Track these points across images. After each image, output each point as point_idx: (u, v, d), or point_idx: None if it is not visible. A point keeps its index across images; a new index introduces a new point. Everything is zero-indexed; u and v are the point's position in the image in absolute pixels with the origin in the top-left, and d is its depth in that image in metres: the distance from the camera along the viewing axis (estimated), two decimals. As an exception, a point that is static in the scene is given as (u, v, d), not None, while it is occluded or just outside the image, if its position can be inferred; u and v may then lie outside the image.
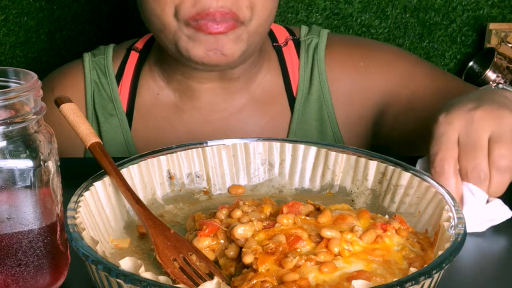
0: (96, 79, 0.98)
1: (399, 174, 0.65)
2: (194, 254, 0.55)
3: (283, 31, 1.02)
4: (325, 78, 0.98)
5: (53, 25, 1.40)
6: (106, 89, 0.98)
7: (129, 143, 0.98)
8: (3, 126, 0.50)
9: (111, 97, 0.98)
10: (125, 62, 0.99)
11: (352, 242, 0.54)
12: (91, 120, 0.98)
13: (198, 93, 0.96)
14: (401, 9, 1.48)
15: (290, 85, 0.99)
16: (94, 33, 1.43)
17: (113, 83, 0.98)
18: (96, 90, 0.98)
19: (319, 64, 0.98)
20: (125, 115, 0.98)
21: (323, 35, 1.00)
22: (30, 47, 1.41)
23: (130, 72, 0.99)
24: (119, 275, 0.47)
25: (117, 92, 0.98)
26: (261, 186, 0.72)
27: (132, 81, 0.98)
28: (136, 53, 1.00)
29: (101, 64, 0.99)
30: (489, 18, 1.54)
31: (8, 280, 0.52)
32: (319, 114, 0.99)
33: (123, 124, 0.98)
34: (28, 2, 1.37)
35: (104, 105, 0.98)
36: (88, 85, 0.98)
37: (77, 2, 1.40)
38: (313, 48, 1.00)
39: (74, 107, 0.64)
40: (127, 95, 0.98)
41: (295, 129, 0.98)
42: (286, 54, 1.00)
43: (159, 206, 0.67)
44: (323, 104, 0.98)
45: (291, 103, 0.99)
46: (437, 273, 0.48)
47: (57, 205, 0.54)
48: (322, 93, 0.98)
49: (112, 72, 0.98)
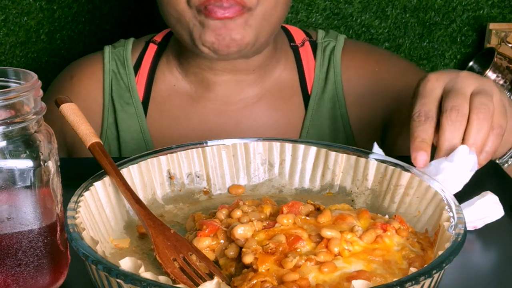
0: (114, 69, 1.02)
1: (399, 174, 0.65)
2: (194, 254, 0.55)
3: (300, 33, 1.06)
4: (340, 79, 1.02)
5: (53, 25, 1.40)
6: (124, 79, 1.02)
7: (145, 131, 1.00)
8: (3, 126, 0.50)
9: (128, 86, 1.01)
10: (143, 54, 1.03)
11: (352, 242, 0.54)
12: (108, 108, 1.01)
13: (214, 85, 0.99)
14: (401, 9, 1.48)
15: (306, 83, 1.02)
16: (94, 33, 1.43)
17: (130, 73, 1.02)
18: (114, 79, 1.02)
19: (335, 65, 1.02)
20: (141, 104, 1.01)
21: (340, 39, 1.04)
22: (30, 47, 1.41)
23: (147, 63, 1.02)
24: (119, 275, 0.47)
25: (134, 82, 1.01)
26: (261, 186, 0.72)
27: (149, 72, 1.02)
28: (154, 45, 1.04)
29: (120, 55, 1.03)
30: (489, 18, 1.54)
31: (8, 280, 0.52)
32: (332, 113, 1.02)
33: (139, 113, 1.01)
34: (28, 2, 1.37)
35: (121, 94, 1.02)
36: (106, 74, 1.02)
37: (77, 2, 1.40)
38: (330, 50, 1.03)
39: (74, 107, 0.64)
40: (143, 85, 1.02)
41: (309, 126, 1.01)
42: (302, 54, 1.04)
43: (159, 206, 0.67)
44: (337, 103, 1.01)
45: (306, 101, 1.02)
46: (437, 273, 0.48)
47: (57, 205, 0.54)
48: (336, 93, 1.01)
49: (130, 63, 1.02)
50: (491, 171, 0.77)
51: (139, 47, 1.04)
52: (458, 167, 0.65)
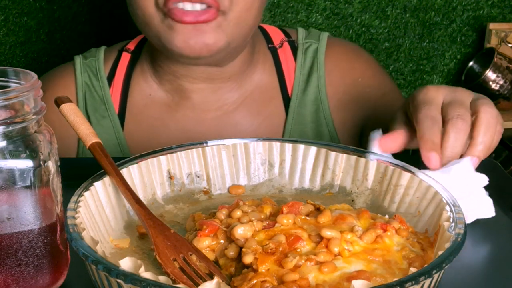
0: (87, 81, 0.99)
1: (399, 174, 0.65)
2: (194, 254, 0.55)
3: (278, 33, 1.02)
4: (324, 81, 0.99)
5: (53, 25, 1.40)
6: (98, 91, 0.98)
7: (122, 144, 0.98)
8: (3, 126, 0.50)
9: (103, 98, 0.98)
10: (117, 64, 0.99)
11: (352, 242, 0.54)
12: None
13: (190, 93, 0.96)
14: (401, 9, 1.48)
15: (285, 85, 0.99)
16: (94, 33, 1.43)
17: (104, 84, 0.98)
18: (87, 92, 0.98)
19: (318, 68, 0.99)
20: (117, 117, 0.98)
21: (322, 39, 1.01)
22: (30, 47, 1.41)
23: (121, 73, 0.99)
24: (119, 275, 0.47)
25: (109, 93, 0.98)
26: (261, 186, 0.72)
27: (123, 82, 0.98)
28: (127, 54, 1.00)
29: (93, 66, 0.99)
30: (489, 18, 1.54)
31: (8, 280, 0.52)
32: (315, 116, 0.99)
33: (116, 125, 0.98)
34: (28, 2, 1.37)
35: (96, 107, 0.98)
36: (79, 87, 0.98)
37: (77, 2, 1.40)
38: (313, 52, 1.00)
39: (74, 107, 0.64)
40: (119, 96, 0.98)
41: (290, 129, 0.99)
42: (281, 56, 1.00)
43: (159, 206, 0.67)
44: (320, 106, 0.99)
45: (286, 104, 0.99)
46: (437, 273, 0.48)
47: (57, 205, 0.54)
48: (319, 96, 0.99)
49: (103, 74, 0.98)
50: (491, 171, 0.77)
51: (112, 57, 1.00)
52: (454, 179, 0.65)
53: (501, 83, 1.60)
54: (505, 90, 1.60)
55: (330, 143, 0.72)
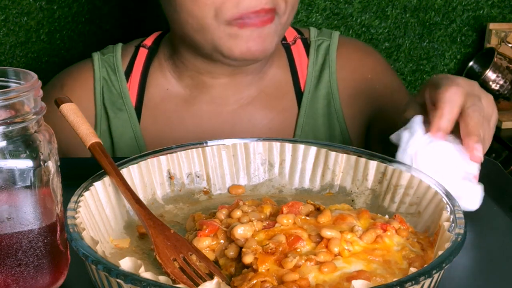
0: (105, 76, 1.01)
1: (399, 174, 0.65)
2: (194, 254, 0.55)
3: (292, 31, 1.06)
4: (335, 77, 1.02)
5: (53, 25, 1.40)
6: (115, 85, 1.01)
7: (138, 137, 1.00)
8: (3, 126, 0.50)
9: (120, 92, 1.01)
10: (134, 59, 1.02)
11: (352, 242, 0.54)
12: (100, 115, 1.00)
13: (210, 87, 0.98)
14: (401, 9, 1.48)
15: (298, 81, 1.03)
16: (94, 33, 1.43)
17: (122, 79, 1.01)
18: (105, 87, 1.01)
19: (330, 65, 1.02)
20: (134, 110, 1.00)
21: (334, 37, 1.05)
22: (30, 47, 1.41)
23: (139, 68, 1.01)
24: (119, 275, 0.47)
25: (126, 87, 1.01)
26: (261, 186, 0.72)
27: (141, 77, 1.01)
28: (145, 49, 1.02)
29: (110, 61, 1.02)
30: (489, 18, 1.54)
31: (8, 280, 0.52)
32: (326, 110, 1.02)
33: (132, 119, 1.00)
34: (28, 2, 1.37)
35: (114, 101, 1.01)
36: (97, 81, 1.01)
37: (77, 2, 1.40)
38: (325, 49, 1.04)
39: (74, 107, 0.64)
40: (136, 91, 1.01)
41: (303, 123, 1.01)
42: (294, 52, 1.04)
43: (159, 206, 0.67)
44: (331, 100, 1.02)
45: (299, 98, 1.02)
46: (437, 273, 0.48)
47: (57, 205, 0.54)
48: (331, 90, 1.02)
49: (121, 69, 1.01)
50: (491, 171, 0.77)
51: (129, 52, 1.03)
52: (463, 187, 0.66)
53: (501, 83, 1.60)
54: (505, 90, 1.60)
55: (330, 143, 0.72)
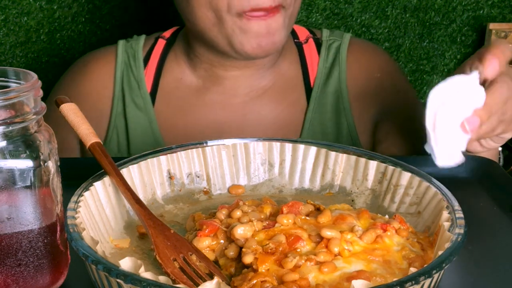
0: (126, 61, 1.07)
1: (399, 174, 0.65)
2: (194, 254, 0.55)
3: (304, 31, 1.10)
4: (345, 75, 1.05)
5: (53, 25, 1.40)
6: (134, 70, 1.06)
7: (152, 120, 1.05)
8: (3, 126, 0.50)
9: (137, 78, 1.06)
10: (153, 48, 1.08)
11: (352, 242, 0.54)
12: (118, 97, 1.06)
13: (223, 79, 1.02)
14: (401, 9, 1.48)
15: (308, 77, 1.06)
16: (94, 33, 1.43)
17: (140, 65, 1.06)
18: (125, 71, 1.07)
19: (340, 63, 1.06)
20: (148, 95, 1.05)
21: (345, 37, 1.09)
22: (30, 47, 1.41)
23: (156, 57, 1.07)
24: (119, 275, 0.47)
25: (143, 74, 1.06)
26: (261, 186, 0.72)
27: (157, 65, 1.07)
28: (163, 40, 1.08)
29: (132, 48, 1.08)
30: (489, 18, 1.54)
31: (8, 280, 0.52)
32: (335, 106, 1.05)
33: (147, 103, 1.05)
34: (28, 2, 1.37)
35: (131, 85, 1.06)
36: (119, 64, 1.07)
37: (77, 2, 1.40)
38: (336, 48, 1.07)
39: (74, 107, 0.64)
40: (152, 77, 1.06)
41: (311, 117, 1.04)
42: (306, 50, 1.08)
43: (159, 206, 0.67)
44: (340, 97, 1.05)
45: (308, 94, 1.05)
46: (437, 273, 0.48)
47: (57, 205, 0.54)
48: (340, 87, 1.05)
49: (140, 56, 1.07)
50: (491, 171, 0.77)
51: (149, 42, 1.09)
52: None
53: (501, 83, 1.59)
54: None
55: (330, 143, 0.72)
